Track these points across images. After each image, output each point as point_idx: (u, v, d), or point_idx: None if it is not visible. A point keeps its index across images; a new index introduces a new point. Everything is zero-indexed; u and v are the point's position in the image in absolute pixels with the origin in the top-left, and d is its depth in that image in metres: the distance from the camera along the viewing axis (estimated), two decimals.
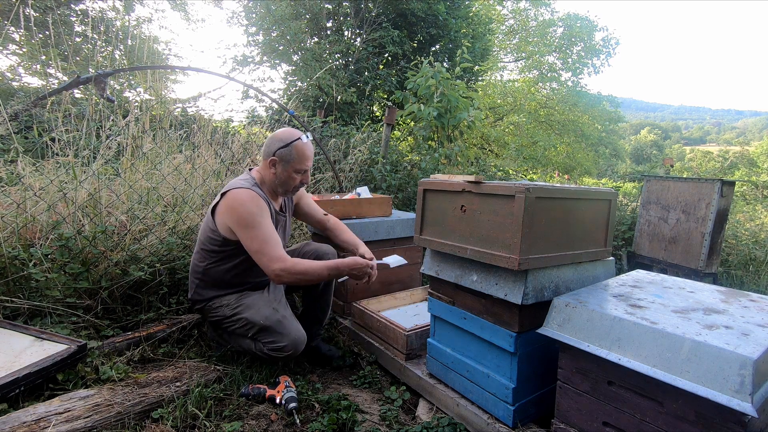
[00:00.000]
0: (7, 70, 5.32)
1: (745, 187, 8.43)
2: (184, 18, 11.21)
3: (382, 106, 8.98)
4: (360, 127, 5.25)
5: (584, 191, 1.55)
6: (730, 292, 1.42)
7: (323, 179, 3.97)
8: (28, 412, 1.32)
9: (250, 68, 9.40)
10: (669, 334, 1.07)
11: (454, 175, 1.61)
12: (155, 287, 2.18)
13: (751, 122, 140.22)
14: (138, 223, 2.32)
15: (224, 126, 4.01)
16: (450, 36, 8.83)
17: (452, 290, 1.66)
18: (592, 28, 16.27)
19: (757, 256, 3.98)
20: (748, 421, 0.95)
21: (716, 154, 16.50)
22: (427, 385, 1.75)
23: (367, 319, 2.14)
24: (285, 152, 1.79)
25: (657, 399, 1.10)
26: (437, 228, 1.65)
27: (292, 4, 8.37)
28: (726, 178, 4.58)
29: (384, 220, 2.49)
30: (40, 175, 2.34)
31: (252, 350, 1.82)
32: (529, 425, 1.46)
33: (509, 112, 14.67)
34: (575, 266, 1.56)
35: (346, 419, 1.55)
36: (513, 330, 1.40)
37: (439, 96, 4.20)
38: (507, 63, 17.61)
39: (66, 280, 1.91)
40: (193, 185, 2.72)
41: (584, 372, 1.25)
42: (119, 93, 4.97)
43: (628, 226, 4.26)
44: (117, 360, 1.74)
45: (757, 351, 0.96)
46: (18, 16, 3.94)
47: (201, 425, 1.48)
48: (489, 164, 6.65)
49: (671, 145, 63.65)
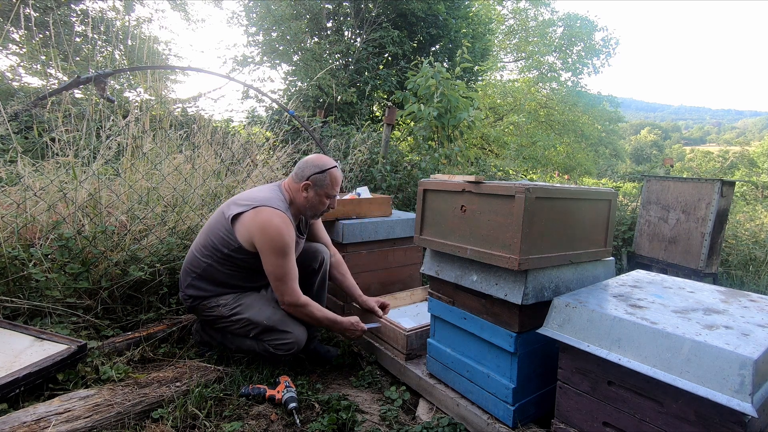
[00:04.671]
0: (7, 70, 5.32)
1: (745, 187, 8.43)
2: (184, 18, 11.21)
3: (382, 106, 8.99)
4: (360, 127, 5.26)
5: (584, 191, 1.55)
6: (730, 292, 1.42)
7: None
8: (28, 412, 1.32)
9: (250, 68, 9.40)
10: (669, 334, 1.07)
11: (454, 175, 1.61)
12: (155, 287, 2.18)
13: (751, 122, 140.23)
14: (138, 223, 2.32)
15: (224, 126, 4.01)
16: (450, 36, 8.83)
17: (452, 290, 1.66)
18: (592, 28, 16.27)
19: (757, 256, 3.99)
20: (748, 421, 0.95)
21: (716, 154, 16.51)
22: (427, 385, 1.75)
23: (368, 318, 2.14)
24: (320, 178, 1.83)
25: (657, 399, 1.10)
26: (437, 228, 1.65)
27: (293, 4, 8.37)
28: (726, 178, 4.58)
29: (384, 220, 2.49)
30: (40, 175, 2.34)
31: (254, 350, 1.83)
32: (529, 425, 1.46)
33: (509, 112, 14.67)
34: (575, 266, 1.56)
35: (346, 419, 1.55)
36: (513, 330, 1.40)
37: (439, 96, 4.20)
38: (507, 63, 17.63)
39: (66, 280, 1.91)
40: (193, 185, 2.72)
41: (584, 372, 1.25)
42: (119, 93, 4.97)
43: (628, 226, 4.26)
44: (117, 360, 1.74)
45: (757, 351, 0.96)
46: (18, 16, 3.94)
47: (201, 425, 1.48)
48: (489, 164, 6.66)
49: (671, 145, 63.69)
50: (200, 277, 1.83)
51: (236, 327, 1.81)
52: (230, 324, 1.81)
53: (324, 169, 1.84)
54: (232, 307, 1.80)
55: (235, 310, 1.80)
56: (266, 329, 1.77)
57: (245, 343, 1.84)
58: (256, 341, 1.81)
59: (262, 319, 1.77)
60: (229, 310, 1.80)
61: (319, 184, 1.84)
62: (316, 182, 1.83)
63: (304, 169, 1.85)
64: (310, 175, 1.83)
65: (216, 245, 1.79)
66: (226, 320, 1.81)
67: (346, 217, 2.41)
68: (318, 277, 2.13)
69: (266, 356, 1.83)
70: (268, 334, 1.78)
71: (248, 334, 1.80)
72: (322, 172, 1.84)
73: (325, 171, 1.84)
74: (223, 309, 1.81)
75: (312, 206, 1.88)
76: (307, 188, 1.84)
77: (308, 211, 1.89)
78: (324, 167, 1.85)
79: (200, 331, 1.97)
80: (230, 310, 1.80)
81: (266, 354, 1.80)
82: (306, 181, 1.83)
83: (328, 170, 1.85)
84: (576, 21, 16.38)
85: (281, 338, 1.76)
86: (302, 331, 1.81)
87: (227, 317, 1.80)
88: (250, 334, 1.80)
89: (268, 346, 1.78)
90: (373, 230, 2.43)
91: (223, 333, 1.88)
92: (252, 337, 1.81)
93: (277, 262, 1.71)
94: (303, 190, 1.84)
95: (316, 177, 1.83)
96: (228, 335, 1.88)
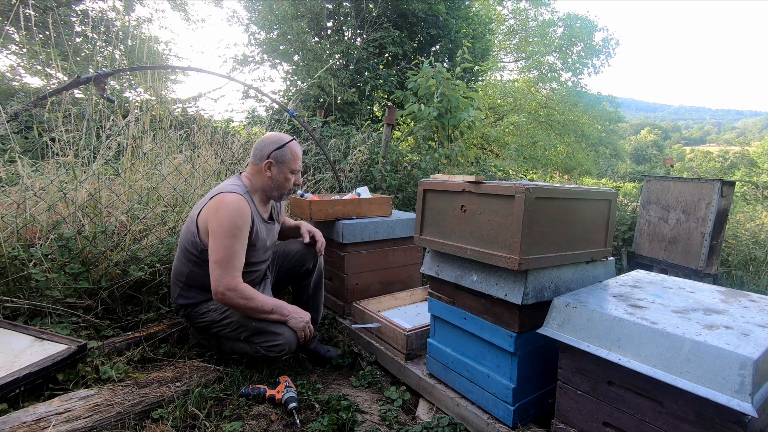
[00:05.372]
0: (7, 70, 5.32)
1: (745, 187, 8.43)
2: (184, 18, 11.20)
3: (382, 106, 8.98)
4: (360, 127, 5.25)
5: (584, 191, 1.55)
6: (730, 293, 1.42)
7: (323, 179, 3.97)
8: (28, 412, 1.32)
9: (251, 68, 9.39)
10: (669, 334, 1.07)
11: (454, 175, 1.61)
12: (155, 287, 2.18)
13: (751, 122, 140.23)
14: (138, 223, 2.32)
15: (224, 126, 4.01)
16: (450, 36, 8.83)
17: (452, 290, 1.66)
18: (592, 28, 16.26)
19: (757, 256, 3.98)
20: (748, 421, 0.95)
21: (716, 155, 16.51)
22: (427, 385, 1.75)
23: (367, 319, 2.14)
24: (281, 153, 1.81)
25: (657, 399, 1.10)
26: (437, 228, 1.65)
27: (294, 4, 8.36)
28: (726, 178, 4.58)
29: (384, 220, 2.49)
30: (40, 175, 2.34)
31: (246, 352, 1.81)
32: (529, 425, 1.46)
33: (509, 112, 14.66)
34: (575, 266, 1.56)
35: (346, 419, 1.55)
36: (513, 330, 1.40)
37: (440, 96, 4.20)
38: (507, 63, 17.62)
39: (66, 280, 1.91)
40: (193, 185, 2.72)
41: (584, 372, 1.25)
42: (119, 93, 4.98)
43: (628, 226, 4.26)
44: (117, 360, 1.74)
45: (757, 351, 0.96)
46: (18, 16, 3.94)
47: (201, 425, 1.48)
48: (489, 164, 6.66)
49: (671, 145, 63.70)
50: (187, 285, 1.81)
51: (228, 330, 1.79)
52: (222, 328, 1.79)
53: (282, 144, 1.82)
54: (222, 311, 1.78)
55: (226, 313, 1.77)
56: (256, 331, 1.75)
57: (239, 346, 1.82)
58: (248, 344, 1.79)
59: (251, 320, 1.75)
60: (220, 314, 1.78)
61: (281, 159, 1.82)
62: (277, 158, 1.81)
63: (262, 149, 1.83)
64: (270, 152, 1.81)
65: (190, 249, 1.77)
66: (218, 324, 1.79)
67: (346, 217, 2.41)
68: (313, 277, 2.12)
69: (260, 358, 1.81)
70: (258, 336, 1.75)
71: (239, 336, 1.78)
72: (282, 147, 1.82)
73: (284, 145, 1.83)
74: (214, 314, 1.79)
75: (278, 185, 1.85)
76: (270, 166, 1.82)
77: (274, 191, 1.87)
78: (282, 142, 1.83)
79: (196, 335, 1.96)
80: (221, 314, 1.78)
81: (259, 356, 1.78)
82: (267, 159, 1.81)
83: (286, 144, 1.83)
84: (576, 21, 16.37)
85: (271, 340, 1.73)
86: (293, 332, 1.77)
87: (219, 321, 1.79)
88: (241, 337, 1.78)
89: (260, 348, 1.76)
90: (373, 230, 2.43)
91: (217, 337, 1.86)
92: (243, 339, 1.79)
93: (224, 242, 1.63)
94: (266, 169, 1.82)
95: (276, 153, 1.81)
96: (222, 339, 1.85)
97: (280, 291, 2.31)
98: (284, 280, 2.17)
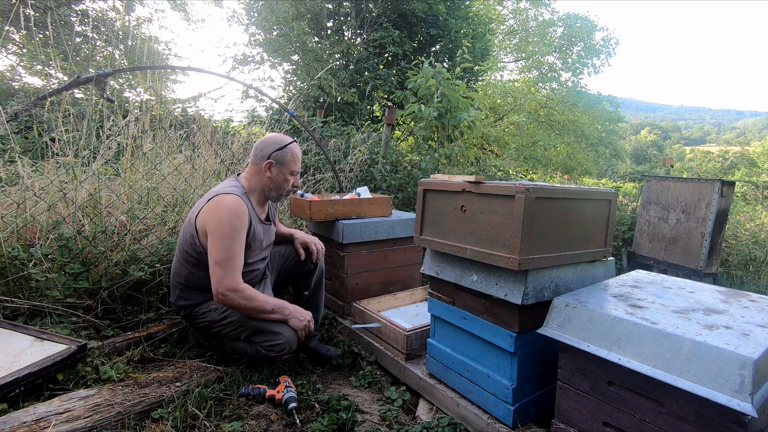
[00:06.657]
0: (7, 70, 5.32)
1: (745, 187, 8.43)
2: (184, 18, 11.21)
3: (382, 106, 8.97)
4: (360, 127, 5.25)
5: (584, 191, 1.55)
6: (730, 293, 1.42)
7: (323, 179, 3.97)
8: (28, 412, 1.32)
9: (251, 68, 9.38)
10: (669, 334, 1.07)
11: (454, 175, 1.61)
12: (155, 287, 2.18)
13: (751, 122, 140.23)
14: (138, 223, 2.32)
15: (224, 126, 4.01)
16: (450, 36, 8.83)
17: (452, 290, 1.66)
18: (591, 28, 16.26)
19: (757, 256, 3.99)
20: (748, 421, 0.95)
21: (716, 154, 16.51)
22: (427, 385, 1.75)
23: (367, 318, 2.14)
24: (281, 154, 1.82)
25: (657, 399, 1.10)
26: (437, 228, 1.65)
27: (294, 4, 8.36)
28: (726, 178, 4.58)
29: (384, 220, 2.49)
30: (40, 175, 2.34)
31: (247, 352, 1.81)
32: (529, 425, 1.46)
33: (509, 112, 14.66)
34: (575, 266, 1.56)
35: (346, 419, 1.55)
36: (513, 330, 1.40)
37: (440, 96, 4.20)
38: (507, 63, 17.61)
39: (66, 280, 1.91)
40: (193, 185, 2.72)
41: (584, 372, 1.25)
42: (119, 93, 4.97)
43: (628, 226, 4.26)
44: (117, 360, 1.74)
45: (757, 351, 0.96)
46: (18, 16, 3.94)
47: (201, 425, 1.48)
48: (489, 164, 6.65)
49: (671, 145, 63.71)
50: (186, 287, 1.81)
51: (228, 330, 1.79)
52: (222, 327, 1.79)
53: (284, 145, 1.83)
54: (222, 310, 1.78)
55: (226, 313, 1.78)
56: (256, 330, 1.75)
57: (239, 345, 1.82)
58: (248, 343, 1.79)
59: (251, 320, 1.74)
60: (220, 314, 1.78)
61: (281, 160, 1.83)
62: (278, 159, 1.82)
63: (262, 149, 1.83)
64: (270, 153, 1.81)
65: (188, 251, 1.77)
66: (218, 324, 1.79)
67: (346, 217, 2.41)
68: (314, 277, 2.12)
69: (260, 358, 1.81)
70: (258, 336, 1.75)
71: (239, 336, 1.78)
72: (282, 148, 1.83)
73: (285, 147, 1.84)
74: (214, 314, 1.79)
75: (277, 186, 1.86)
76: (270, 167, 1.83)
77: (273, 191, 1.87)
78: (283, 143, 1.84)
79: (197, 335, 1.96)
80: (221, 314, 1.78)
81: (259, 356, 1.78)
82: (268, 160, 1.81)
83: (287, 146, 1.84)
84: (576, 21, 16.38)
85: (271, 339, 1.73)
86: (293, 331, 1.77)
87: (219, 321, 1.79)
88: (241, 336, 1.78)
89: (260, 347, 1.76)
90: (373, 230, 2.43)
91: (218, 337, 1.86)
92: (243, 339, 1.79)
93: (219, 243, 1.64)
94: (266, 169, 1.82)
95: (277, 154, 1.82)
96: (222, 339, 1.85)
97: (281, 291, 2.31)
98: (285, 280, 2.17)
